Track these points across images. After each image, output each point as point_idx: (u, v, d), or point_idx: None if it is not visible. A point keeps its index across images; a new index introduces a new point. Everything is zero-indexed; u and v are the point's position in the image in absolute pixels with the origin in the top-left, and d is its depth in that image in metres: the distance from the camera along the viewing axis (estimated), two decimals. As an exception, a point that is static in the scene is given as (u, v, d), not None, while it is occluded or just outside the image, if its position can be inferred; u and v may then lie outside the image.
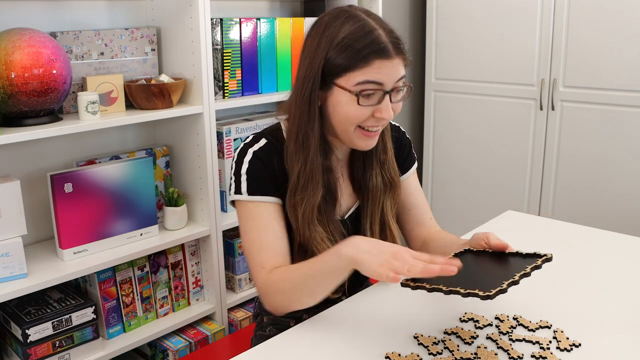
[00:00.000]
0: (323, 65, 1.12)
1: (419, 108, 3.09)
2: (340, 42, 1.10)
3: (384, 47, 1.09)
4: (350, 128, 1.15)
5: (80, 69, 1.74)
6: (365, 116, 1.13)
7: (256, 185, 1.18)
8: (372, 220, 1.28)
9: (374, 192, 1.27)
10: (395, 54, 1.10)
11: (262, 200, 1.18)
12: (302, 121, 1.16)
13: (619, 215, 2.38)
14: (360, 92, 1.10)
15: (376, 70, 1.09)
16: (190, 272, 1.96)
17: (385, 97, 1.12)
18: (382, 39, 1.10)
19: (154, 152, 1.93)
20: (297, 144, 1.17)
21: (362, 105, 1.11)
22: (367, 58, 1.09)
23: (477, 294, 0.96)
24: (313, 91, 1.14)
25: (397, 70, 1.11)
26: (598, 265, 1.37)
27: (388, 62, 1.10)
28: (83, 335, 1.65)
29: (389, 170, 1.28)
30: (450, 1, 2.74)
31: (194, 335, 1.93)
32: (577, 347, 1.05)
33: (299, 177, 1.17)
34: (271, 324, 1.38)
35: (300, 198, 1.17)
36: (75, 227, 1.66)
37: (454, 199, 2.91)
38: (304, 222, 1.18)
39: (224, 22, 1.94)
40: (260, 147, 1.21)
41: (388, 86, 1.11)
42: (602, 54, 2.32)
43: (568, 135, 2.48)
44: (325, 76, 1.13)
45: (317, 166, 1.17)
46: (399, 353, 1.03)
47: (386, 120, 1.14)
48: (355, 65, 1.09)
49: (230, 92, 2.01)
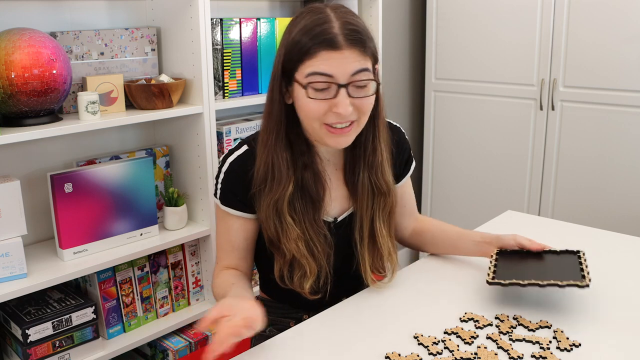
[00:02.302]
0: (282, 60, 1.13)
1: (419, 108, 3.09)
2: (295, 36, 1.11)
3: (331, 38, 1.07)
4: (314, 124, 1.13)
5: (80, 69, 1.74)
6: (322, 111, 1.10)
7: (227, 197, 1.24)
8: (362, 225, 1.25)
9: (362, 196, 1.24)
10: (346, 45, 1.07)
11: (230, 212, 1.24)
12: (267, 116, 1.18)
13: (619, 215, 2.38)
14: (308, 84, 1.09)
15: (323, 61, 1.07)
16: (190, 272, 1.96)
17: (340, 90, 1.09)
18: (333, 30, 1.08)
19: (154, 152, 1.93)
20: (262, 138, 1.19)
21: (313, 99, 1.09)
22: (313, 49, 1.08)
23: (577, 284, 1.12)
24: (275, 86, 1.15)
25: (348, 63, 1.08)
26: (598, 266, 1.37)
27: (336, 53, 1.07)
28: (83, 335, 1.65)
29: (379, 175, 1.24)
30: (450, 1, 2.74)
31: (194, 335, 1.93)
32: (577, 347, 1.05)
33: (259, 168, 1.18)
34: (271, 324, 1.37)
35: (261, 188, 1.18)
36: (75, 227, 1.66)
37: (454, 199, 2.91)
38: (268, 214, 1.18)
39: (224, 22, 1.94)
40: (238, 156, 1.23)
41: (341, 79, 1.08)
42: (602, 54, 2.32)
43: (568, 135, 2.48)
44: (286, 71, 1.13)
45: (278, 159, 1.16)
46: (399, 353, 1.04)
47: (343, 115, 1.10)
48: (304, 57, 1.09)
49: (230, 92, 2.01)
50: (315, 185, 1.20)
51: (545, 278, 1.15)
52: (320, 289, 1.23)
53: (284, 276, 1.22)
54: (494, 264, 1.25)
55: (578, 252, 1.27)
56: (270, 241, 1.22)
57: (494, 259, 1.27)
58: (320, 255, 1.21)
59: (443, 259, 1.43)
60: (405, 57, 2.97)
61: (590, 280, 1.13)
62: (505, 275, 1.18)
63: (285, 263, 1.21)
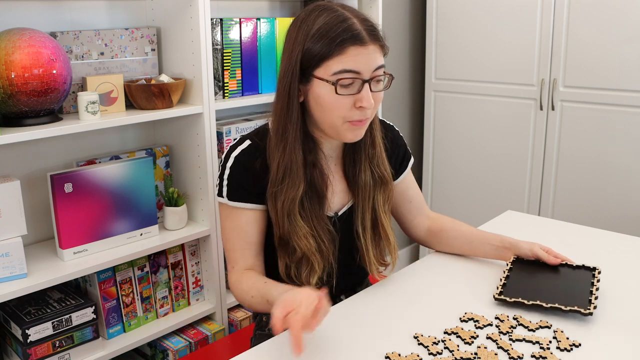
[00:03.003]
0: (300, 58, 1.13)
1: (419, 108, 3.09)
2: (316, 32, 1.11)
3: (358, 33, 1.10)
4: (337, 121, 1.15)
5: (80, 69, 1.74)
6: (347, 106, 1.13)
7: (235, 192, 1.22)
8: (364, 216, 1.28)
9: (364, 188, 1.27)
10: (370, 40, 1.11)
11: (240, 206, 1.22)
12: (282, 115, 1.18)
13: (619, 215, 2.38)
14: (338, 80, 1.11)
15: (351, 57, 1.10)
16: (190, 272, 1.96)
17: (365, 85, 1.12)
18: (356, 26, 1.10)
19: (154, 152, 1.93)
20: (277, 138, 1.19)
21: (341, 95, 1.11)
22: (341, 45, 1.09)
23: (579, 311, 1.12)
24: (292, 84, 1.15)
25: (373, 58, 1.11)
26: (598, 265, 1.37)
27: (363, 48, 1.10)
28: (83, 335, 1.65)
29: (379, 166, 1.28)
30: (450, 1, 2.74)
31: (194, 335, 1.93)
32: (577, 347, 1.05)
33: (277, 169, 1.18)
34: (270, 323, 1.38)
35: (279, 189, 1.19)
36: (75, 227, 1.66)
37: (454, 199, 2.91)
38: (282, 213, 1.19)
39: (224, 22, 1.94)
40: (242, 150, 1.23)
41: (366, 74, 1.11)
42: (602, 54, 2.32)
43: (568, 135, 2.48)
44: (304, 69, 1.14)
45: (295, 159, 1.18)
46: (399, 353, 1.04)
47: (367, 109, 1.13)
48: (331, 53, 1.10)
49: (230, 92, 2.01)
50: (321, 182, 1.22)
51: (551, 298, 1.17)
52: (325, 283, 1.24)
53: (291, 273, 1.22)
54: (506, 275, 1.26)
55: (594, 270, 1.27)
56: (281, 239, 1.22)
57: (508, 269, 1.29)
58: (327, 250, 1.22)
59: (443, 259, 1.43)
60: (405, 57, 2.97)
61: (595, 307, 1.13)
62: (512, 292, 1.21)
63: (295, 260, 1.21)
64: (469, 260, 1.42)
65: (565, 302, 1.15)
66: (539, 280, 1.26)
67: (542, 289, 1.22)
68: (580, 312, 1.12)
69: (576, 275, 1.26)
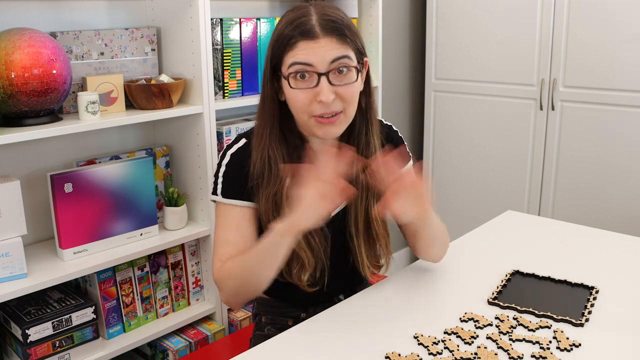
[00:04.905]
0: (270, 57, 1.18)
1: (419, 108, 3.09)
2: (278, 32, 1.16)
3: (309, 28, 1.12)
4: (303, 116, 1.17)
5: (80, 69, 1.74)
6: (307, 101, 1.14)
7: (230, 189, 1.23)
8: (357, 217, 1.27)
9: (357, 190, 1.25)
10: (322, 34, 1.12)
11: (234, 203, 1.23)
12: (262, 113, 1.22)
13: (619, 215, 2.38)
14: (289, 74, 1.13)
15: (301, 51, 1.12)
16: (190, 272, 1.96)
17: (321, 79, 1.12)
18: (310, 22, 1.13)
19: (154, 152, 1.93)
20: (257, 135, 1.22)
21: (296, 89, 1.14)
22: (292, 40, 1.13)
23: (571, 321, 1.12)
24: (266, 84, 1.20)
25: (326, 51, 1.12)
26: (597, 265, 1.37)
27: (313, 42, 1.12)
28: (83, 335, 1.65)
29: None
30: (450, 1, 2.73)
31: (194, 335, 1.93)
32: (577, 347, 1.05)
33: (255, 165, 1.21)
34: (269, 323, 1.38)
35: (260, 182, 1.20)
36: (75, 227, 1.66)
37: (454, 199, 2.91)
38: (267, 207, 1.20)
39: (224, 22, 1.94)
40: (238, 148, 1.25)
41: (320, 67, 1.12)
42: (602, 54, 2.32)
43: (568, 135, 2.48)
44: (274, 69, 1.18)
45: (274, 156, 1.20)
46: (399, 353, 1.04)
47: (325, 102, 1.12)
48: (285, 49, 1.14)
49: (230, 92, 2.01)
50: None
51: (544, 308, 1.17)
52: (317, 281, 1.24)
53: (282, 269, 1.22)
54: (504, 284, 1.27)
55: (592, 289, 1.25)
56: None
57: (506, 279, 1.29)
58: (318, 247, 1.22)
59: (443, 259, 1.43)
60: (405, 57, 2.97)
61: (587, 320, 1.13)
62: (507, 299, 1.21)
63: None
64: (469, 261, 1.42)
65: (558, 313, 1.15)
66: (535, 292, 1.26)
67: (537, 300, 1.21)
68: (571, 322, 1.12)
69: (574, 291, 1.26)
